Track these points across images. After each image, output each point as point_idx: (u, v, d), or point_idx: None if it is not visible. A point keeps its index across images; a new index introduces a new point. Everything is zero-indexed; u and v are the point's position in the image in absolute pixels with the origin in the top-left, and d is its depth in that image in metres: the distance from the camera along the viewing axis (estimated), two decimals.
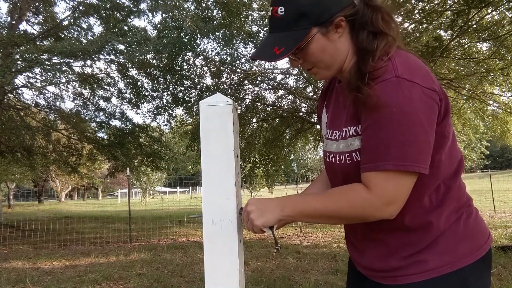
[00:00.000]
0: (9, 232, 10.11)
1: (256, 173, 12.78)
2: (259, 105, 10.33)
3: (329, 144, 1.05)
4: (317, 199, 0.93)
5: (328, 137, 1.06)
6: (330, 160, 1.04)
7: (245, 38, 8.42)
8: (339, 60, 0.96)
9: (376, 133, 0.85)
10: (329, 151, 1.05)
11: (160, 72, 9.22)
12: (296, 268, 4.95)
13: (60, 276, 5.12)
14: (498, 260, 4.74)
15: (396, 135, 0.82)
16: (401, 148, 0.82)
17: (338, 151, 0.99)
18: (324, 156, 1.10)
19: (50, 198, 36.16)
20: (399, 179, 0.85)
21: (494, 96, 9.02)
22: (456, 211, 0.96)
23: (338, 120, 1.02)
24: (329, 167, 1.07)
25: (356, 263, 1.10)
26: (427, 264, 0.91)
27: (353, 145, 0.93)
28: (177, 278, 4.79)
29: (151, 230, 9.58)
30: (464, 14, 4.43)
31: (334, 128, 1.04)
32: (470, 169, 29.88)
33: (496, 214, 10.16)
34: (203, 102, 1.06)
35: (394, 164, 0.83)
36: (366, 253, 1.03)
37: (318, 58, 0.94)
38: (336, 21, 0.90)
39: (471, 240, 0.95)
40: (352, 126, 0.93)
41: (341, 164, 0.98)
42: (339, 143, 0.98)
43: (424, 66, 0.90)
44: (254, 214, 0.93)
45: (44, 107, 10.93)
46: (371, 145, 0.86)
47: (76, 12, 8.69)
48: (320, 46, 0.92)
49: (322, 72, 0.98)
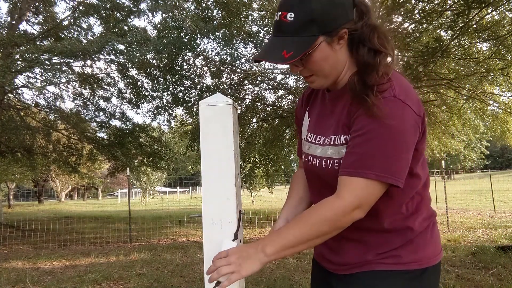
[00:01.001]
0: (9, 232, 10.11)
1: (256, 173, 12.77)
2: (259, 105, 10.33)
3: (312, 147, 1.08)
4: (293, 228, 0.93)
5: (310, 140, 1.10)
6: (313, 163, 1.07)
7: (245, 38, 8.41)
8: (337, 70, 0.99)
9: (366, 142, 0.90)
10: (312, 155, 1.07)
11: (160, 72, 9.22)
12: (296, 268, 4.95)
13: (60, 276, 5.12)
14: (498, 260, 4.73)
15: (385, 148, 0.89)
16: (386, 160, 0.89)
17: (326, 156, 1.02)
18: (305, 158, 1.12)
19: (50, 198, 36.16)
20: (374, 187, 0.90)
21: (494, 96, 9.01)
22: (427, 219, 1.06)
23: (325, 126, 1.06)
24: (311, 170, 1.10)
25: (324, 260, 1.13)
26: (400, 258, 0.99)
27: (342, 153, 0.97)
28: (177, 278, 4.79)
29: (151, 230, 9.59)
30: (464, 15, 4.43)
31: (318, 133, 1.07)
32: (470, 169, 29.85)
33: (496, 214, 10.17)
34: (203, 102, 1.06)
35: (376, 174, 0.89)
36: (342, 252, 1.06)
37: (319, 66, 0.96)
38: (340, 33, 0.94)
39: (434, 246, 1.06)
40: (343, 135, 0.98)
41: (327, 169, 1.01)
42: (326, 149, 1.02)
43: (413, 90, 0.98)
44: (234, 266, 0.89)
45: (44, 107, 10.93)
46: (358, 151, 0.91)
47: (76, 12, 8.68)
48: (323, 55, 0.94)
49: (319, 81, 1.01)
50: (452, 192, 16.53)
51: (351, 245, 1.04)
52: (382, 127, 0.88)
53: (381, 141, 0.88)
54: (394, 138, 0.89)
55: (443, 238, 6.63)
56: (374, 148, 0.89)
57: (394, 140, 0.89)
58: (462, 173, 35.21)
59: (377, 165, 0.89)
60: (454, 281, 4.01)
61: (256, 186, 18.03)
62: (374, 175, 0.88)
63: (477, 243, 6.16)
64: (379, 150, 0.89)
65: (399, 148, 0.89)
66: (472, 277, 4.14)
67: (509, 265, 4.46)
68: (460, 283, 3.94)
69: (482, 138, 12.42)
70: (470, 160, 12.54)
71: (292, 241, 0.91)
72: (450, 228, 8.03)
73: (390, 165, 0.89)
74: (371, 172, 0.89)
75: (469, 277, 4.16)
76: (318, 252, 1.18)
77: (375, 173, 0.88)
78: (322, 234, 0.92)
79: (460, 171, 31.45)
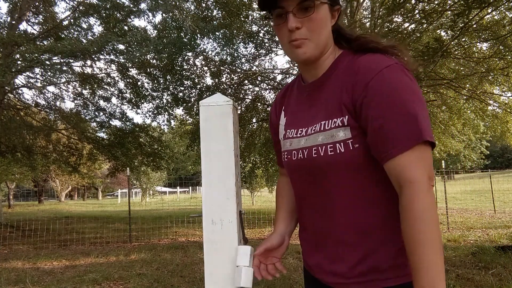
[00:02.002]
0: (9, 232, 10.12)
1: (256, 173, 12.78)
2: (259, 105, 10.33)
3: (294, 142, 1.01)
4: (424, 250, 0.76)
5: (291, 136, 1.02)
6: (299, 157, 0.98)
7: (245, 38, 8.42)
8: (327, 44, 0.96)
9: (395, 111, 0.82)
10: (296, 149, 0.99)
11: (160, 72, 9.23)
12: (296, 268, 4.95)
13: (60, 276, 5.12)
14: (498, 260, 4.74)
15: (414, 109, 0.82)
16: (420, 120, 0.81)
17: (315, 144, 0.93)
18: (288, 156, 1.03)
19: (50, 198, 36.16)
20: (429, 152, 0.83)
21: (494, 96, 9.01)
22: None
23: (306, 118, 1.00)
24: (296, 165, 1.00)
25: (323, 272, 0.99)
26: (405, 269, 0.88)
27: (338, 136, 0.89)
28: (177, 278, 4.79)
29: (151, 230, 9.59)
30: (464, 15, 4.43)
31: (298, 127, 1.01)
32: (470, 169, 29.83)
33: (496, 214, 10.17)
34: (203, 102, 1.06)
35: (429, 135, 0.81)
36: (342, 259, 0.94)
37: (319, 27, 0.92)
38: (337, 7, 0.95)
39: None
40: (337, 117, 0.90)
41: (319, 156, 0.92)
42: (316, 136, 0.94)
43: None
44: None
45: (44, 107, 10.94)
46: (392, 126, 0.82)
47: (76, 12, 8.69)
48: (324, 18, 0.93)
49: (310, 47, 0.93)
50: (452, 192, 16.54)
51: (350, 250, 0.92)
52: (404, 91, 0.83)
53: (413, 104, 0.81)
54: (419, 98, 0.84)
55: (443, 238, 6.63)
56: (405, 114, 0.81)
57: (419, 99, 0.83)
58: (462, 173, 35.19)
59: (424, 128, 0.81)
60: (454, 281, 4.01)
61: (256, 186, 18.04)
62: (428, 136, 0.81)
63: (477, 243, 6.16)
64: (416, 114, 0.81)
65: (424, 107, 0.84)
66: (472, 277, 4.14)
67: (509, 265, 4.47)
68: (460, 283, 3.94)
69: (482, 138, 12.40)
70: (470, 160, 12.53)
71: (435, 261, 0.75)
72: (450, 228, 8.03)
73: (429, 125, 0.83)
74: (424, 136, 0.80)
75: (469, 277, 4.16)
76: (314, 263, 1.02)
77: (428, 135, 0.81)
78: (437, 222, 0.79)
79: (460, 171, 31.43)
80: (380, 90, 0.83)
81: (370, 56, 0.90)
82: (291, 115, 1.07)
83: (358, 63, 0.90)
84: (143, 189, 30.60)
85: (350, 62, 0.93)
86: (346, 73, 0.92)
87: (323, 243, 0.98)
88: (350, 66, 0.92)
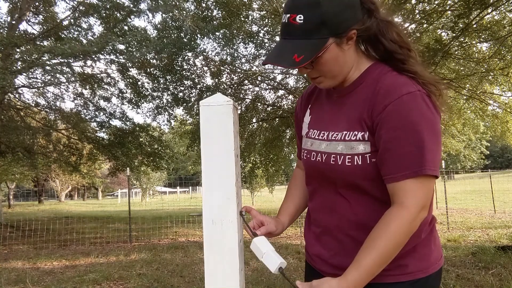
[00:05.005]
0: (9, 232, 10.11)
1: (256, 173, 12.78)
2: (259, 105, 10.34)
3: (315, 143, 1.06)
4: (370, 252, 0.88)
5: (313, 136, 1.08)
6: (317, 159, 1.04)
7: (245, 38, 8.42)
8: (345, 71, 0.99)
9: (408, 139, 0.88)
10: (316, 151, 1.05)
11: (160, 72, 9.23)
12: (296, 268, 4.95)
13: (60, 276, 5.12)
14: (498, 260, 4.73)
15: (429, 141, 0.87)
16: (432, 154, 0.87)
17: (336, 152, 0.99)
18: (307, 155, 1.09)
19: (50, 198, 36.15)
20: (430, 183, 0.89)
21: (494, 96, 9.02)
22: (429, 223, 1.03)
23: (331, 122, 1.04)
24: (313, 166, 1.07)
25: (322, 263, 1.07)
26: (406, 268, 0.97)
27: (357, 149, 0.95)
28: (177, 278, 4.79)
29: (151, 230, 9.58)
30: (465, 16, 4.43)
31: (322, 129, 1.06)
32: (470, 169, 29.86)
33: (496, 214, 10.17)
34: (203, 102, 1.06)
35: (431, 169, 0.87)
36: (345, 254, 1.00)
37: (329, 67, 0.96)
38: (350, 34, 0.94)
39: (437, 251, 1.04)
40: (361, 131, 0.95)
41: (336, 165, 0.98)
42: (336, 144, 0.99)
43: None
44: None
45: (44, 107, 10.94)
46: (403, 151, 0.88)
47: (76, 12, 8.69)
48: (333, 56, 0.94)
49: (327, 81, 1.00)
50: (452, 192, 16.51)
51: (353, 245, 0.98)
52: (419, 121, 0.87)
53: (423, 135, 0.87)
54: (432, 129, 0.88)
55: (443, 238, 6.63)
56: (419, 145, 0.87)
57: (432, 131, 0.88)
58: (462, 173, 35.22)
59: (428, 160, 0.87)
60: (454, 281, 4.01)
61: (256, 186, 18.03)
62: (430, 170, 0.87)
63: (477, 243, 6.15)
64: (423, 145, 0.87)
65: (436, 140, 0.89)
66: (472, 277, 4.14)
67: (509, 265, 4.46)
68: (460, 283, 3.94)
69: (482, 138, 12.43)
70: (470, 160, 12.57)
71: (373, 266, 0.87)
72: (450, 228, 8.02)
73: (435, 157, 0.88)
74: (426, 169, 0.86)
75: (469, 277, 4.16)
76: (315, 253, 1.10)
77: (429, 168, 0.87)
78: (399, 247, 0.89)
79: (460, 171, 31.45)
80: (397, 115, 0.88)
81: (395, 78, 0.94)
82: (316, 115, 1.11)
83: (382, 84, 0.94)
84: (143, 189, 30.61)
85: (379, 76, 0.97)
86: (370, 88, 0.96)
87: (327, 235, 1.06)
88: (376, 82, 0.96)
